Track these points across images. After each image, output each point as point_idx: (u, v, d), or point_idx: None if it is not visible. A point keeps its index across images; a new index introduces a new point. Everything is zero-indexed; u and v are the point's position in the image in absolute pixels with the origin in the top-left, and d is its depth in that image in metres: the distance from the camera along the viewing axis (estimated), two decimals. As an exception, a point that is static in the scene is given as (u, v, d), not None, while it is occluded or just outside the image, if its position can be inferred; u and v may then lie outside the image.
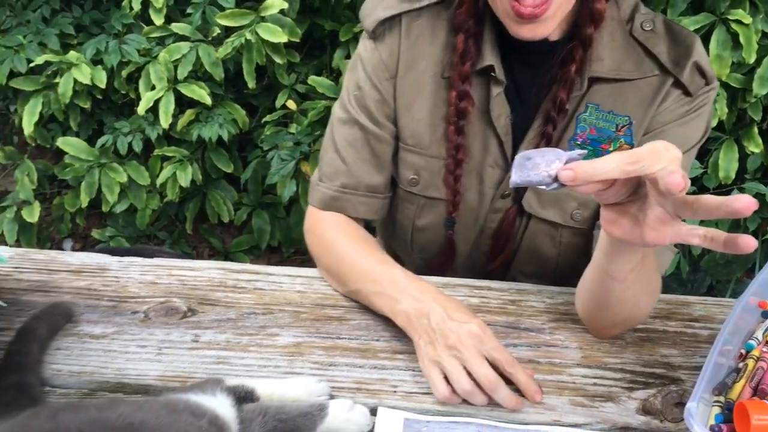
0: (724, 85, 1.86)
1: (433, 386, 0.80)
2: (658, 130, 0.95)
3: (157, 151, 2.21)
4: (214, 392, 0.74)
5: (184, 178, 2.13)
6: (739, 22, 1.81)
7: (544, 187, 0.66)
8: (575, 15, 0.93)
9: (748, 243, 0.60)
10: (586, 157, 0.67)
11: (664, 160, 0.63)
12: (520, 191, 1.01)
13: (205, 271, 1.03)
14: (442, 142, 1.01)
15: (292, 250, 2.45)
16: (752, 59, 1.79)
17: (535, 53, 0.96)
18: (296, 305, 0.97)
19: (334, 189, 1.04)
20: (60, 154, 2.42)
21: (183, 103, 2.19)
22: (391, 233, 1.14)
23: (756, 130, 1.94)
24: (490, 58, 0.96)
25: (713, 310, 0.96)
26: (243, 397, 0.76)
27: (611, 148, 0.85)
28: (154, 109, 2.15)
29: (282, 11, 2.06)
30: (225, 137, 2.12)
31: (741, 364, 0.74)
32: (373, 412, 0.79)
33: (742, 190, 1.96)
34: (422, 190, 1.05)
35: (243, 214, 2.30)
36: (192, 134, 2.16)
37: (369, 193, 1.05)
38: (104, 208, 2.20)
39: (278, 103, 2.25)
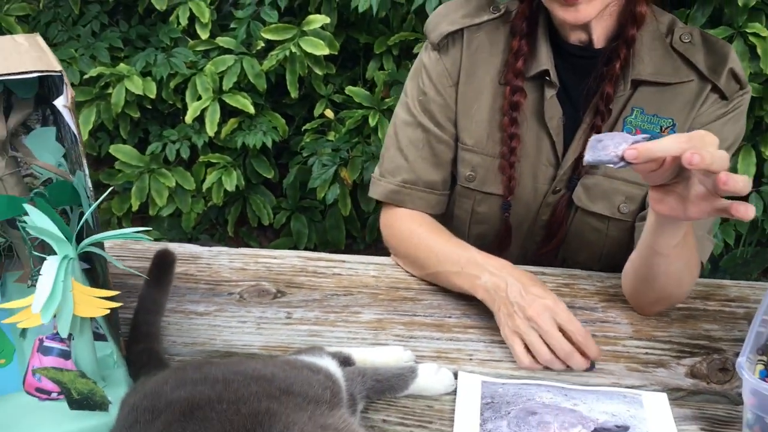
0: (743, 94, 1.98)
1: (515, 355, 0.91)
2: (697, 130, 1.06)
3: (202, 158, 2.33)
4: (321, 355, 0.85)
5: (230, 183, 2.25)
6: (756, 34, 1.92)
7: (612, 165, 0.78)
8: (618, 20, 1.05)
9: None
10: None
11: (708, 143, 0.76)
12: (571, 187, 1.12)
13: (287, 259, 1.15)
14: (498, 142, 1.13)
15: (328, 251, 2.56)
16: (768, 69, 1.91)
17: (583, 58, 1.08)
18: (373, 288, 1.08)
19: (395, 184, 1.16)
20: (103, 161, 2.55)
21: (226, 112, 2.32)
22: (449, 226, 1.25)
23: (772, 135, 2.05)
24: (545, 62, 1.07)
25: (746, 292, 1.07)
26: (342, 361, 0.88)
27: None
28: (200, 118, 2.28)
29: (323, 26, 2.19)
30: (269, 144, 2.24)
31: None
32: (454, 376, 0.90)
33: (759, 194, 2.07)
34: (479, 185, 1.16)
35: (282, 218, 2.41)
36: (236, 142, 2.28)
37: (428, 189, 1.16)
38: (152, 212, 2.32)
39: (316, 112, 2.37)
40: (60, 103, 0.78)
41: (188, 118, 2.26)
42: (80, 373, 0.76)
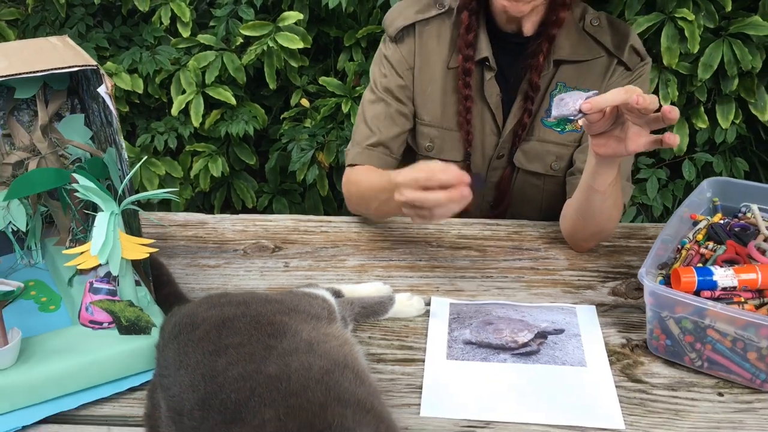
0: (674, 72, 2.22)
1: (412, 216, 1.07)
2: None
3: (188, 147, 2.51)
4: (318, 288, 1.06)
5: (216, 170, 2.44)
6: (684, 19, 2.16)
7: (572, 117, 1.00)
8: (544, 14, 1.29)
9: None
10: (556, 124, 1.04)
11: (638, 93, 0.97)
12: (510, 153, 1.35)
13: (281, 221, 1.35)
14: (451, 116, 1.35)
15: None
16: (696, 50, 2.14)
17: (515, 44, 1.31)
18: (355, 241, 1.29)
19: (362, 147, 1.36)
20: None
21: (209, 104, 2.50)
22: None
23: (702, 109, 2.30)
24: (485, 50, 1.30)
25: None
26: (334, 293, 1.08)
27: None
28: (185, 111, 2.46)
29: (296, 22, 2.38)
30: (251, 132, 2.43)
31: (677, 255, 1.08)
32: (427, 304, 1.11)
33: (692, 161, 2.32)
34: (437, 153, 1.38)
35: (264, 201, 2.60)
36: (219, 131, 2.47)
37: (386, 151, 1.37)
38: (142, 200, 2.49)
39: (293, 102, 2.57)
40: (102, 90, 0.98)
41: (174, 110, 2.44)
42: (129, 302, 0.96)
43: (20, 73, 0.96)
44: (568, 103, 1.01)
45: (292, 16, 2.37)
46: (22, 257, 1.21)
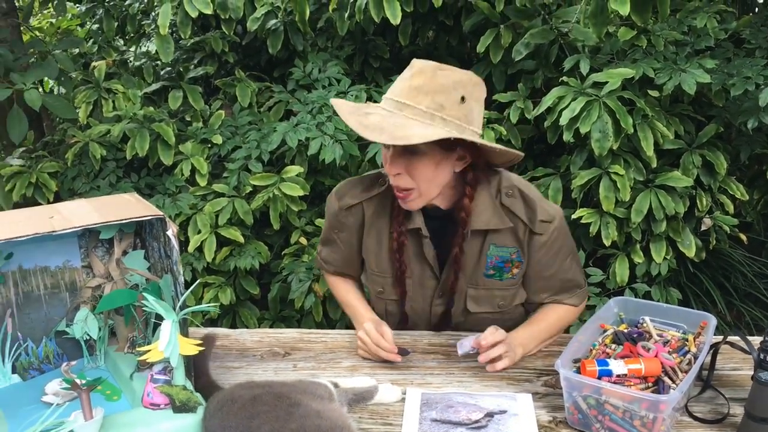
0: (612, 216, 2.67)
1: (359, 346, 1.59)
2: (533, 257, 1.64)
3: (200, 279, 2.89)
4: (320, 378, 1.41)
5: (225, 298, 2.80)
6: (616, 173, 2.64)
7: (472, 351, 1.49)
8: (456, 191, 1.60)
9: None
10: (496, 275, 1.53)
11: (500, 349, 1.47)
12: (451, 298, 1.68)
13: (289, 334, 1.71)
14: (395, 265, 1.69)
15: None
16: (627, 198, 2.61)
17: (438, 216, 1.63)
18: (348, 348, 1.65)
19: (331, 272, 1.83)
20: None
21: (219, 242, 2.91)
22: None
23: (638, 246, 2.73)
24: (417, 222, 1.62)
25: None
26: (333, 384, 1.43)
27: (510, 266, 1.62)
28: (199, 248, 2.86)
29: (298, 174, 2.85)
30: (257, 266, 2.82)
31: (589, 353, 1.45)
32: (403, 393, 1.45)
33: (632, 290, 2.72)
34: (387, 296, 1.74)
35: (266, 326, 2.95)
36: (229, 265, 2.86)
37: (348, 275, 1.82)
38: (159, 325, 2.84)
39: (292, 240, 2.98)
40: (170, 233, 1.37)
41: (190, 248, 2.84)
42: (183, 386, 1.30)
43: (111, 221, 1.36)
44: (465, 343, 1.51)
45: (294, 169, 2.84)
46: (89, 361, 1.55)
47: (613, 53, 2.85)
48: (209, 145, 3.11)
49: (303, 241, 2.96)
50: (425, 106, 1.45)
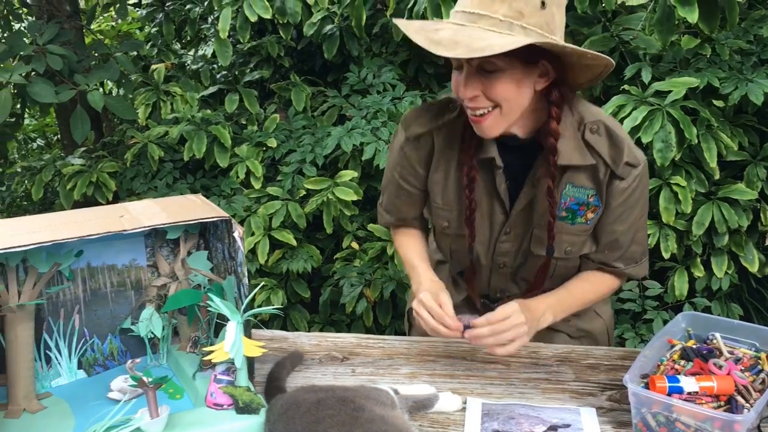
0: (673, 228, 2.61)
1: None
2: (610, 204, 1.51)
3: (252, 281, 2.92)
4: (382, 384, 1.40)
5: (277, 301, 2.82)
6: (678, 184, 2.58)
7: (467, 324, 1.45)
8: (536, 118, 1.46)
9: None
10: (567, 217, 1.48)
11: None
12: (519, 237, 1.60)
13: (347, 338, 1.71)
14: (464, 202, 1.57)
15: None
16: (689, 210, 2.54)
17: (514, 146, 1.50)
18: (406, 355, 1.64)
19: (392, 222, 1.77)
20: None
21: (272, 245, 2.93)
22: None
23: (698, 260, 2.66)
24: (491, 151, 1.50)
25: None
26: (393, 390, 1.42)
27: (585, 209, 1.51)
28: (252, 250, 2.89)
29: (351, 178, 2.85)
30: (309, 270, 2.84)
31: (657, 369, 1.41)
32: (463, 403, 1.44)
33: (692, 304, 2.65)
34: (452, 231, 1.65)
35: (315, 330, 2.96)
36: (281, 268, 2.88)
37: (412, 225, 1.76)
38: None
39: (344, 244, 2.99)
40: (236, 235, 1.38)
41: (245, 250, 2.87)
42: (246, 388, 1.31)
43: (179, 222, 1.38)
44: (462, 319, 1.47)
45: (348, 174, 2.85)
46: (152, 359, 1.57)
47: (676, 62, 2.79)
48: (264, 148, 3.14)
49: (355, 245, 2.97)
50: (502, 14, 1.31)
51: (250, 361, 1.42)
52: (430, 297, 1.48)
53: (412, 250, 1.72)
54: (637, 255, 1.62)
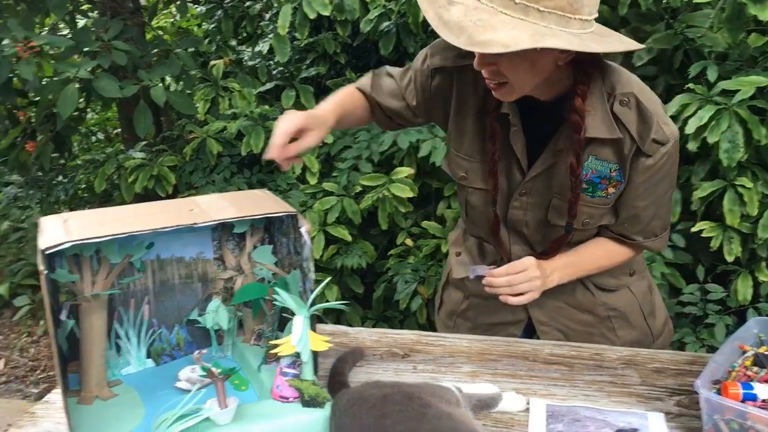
0: (737, 231, 2.54)
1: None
2: (633, 180, 1.46)
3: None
4: (446, 382, 1.40)
5: (331, 296, 2.84)
6: (743, 186, 2.51)
7: (480, 274, 1.51)
8: (562, 89, 1.41)
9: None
10: (588, 189, 1.47)
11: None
12: (538, 204, 1.55)
13: (407, 335, 1.71)
14: (484, 152, 1.53)
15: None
16: (755, 212, 2.47)
17: (535, 107, 1.45)
18: (467, 354, 1.63)
19: (369, 90, 1.69)
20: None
21: (327, 240, 2.95)
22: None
23: (764, 264, 2.58)
24: (506, 108, 1.46)
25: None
26: (456, 389, 1.42)
27: (607, 183, 1.47)
28: (307, 245, 2.91)
29: (407, 175, 2.86)
30: (363, 265, 2.85)
31: (728, 375, 1.37)
32: (527, 404, 1.43)
33: (756, 309, 2.58)
34: (469, 183, 1.61)
35: (368, 326, 2.97)
36: (336, 263, 2.90)
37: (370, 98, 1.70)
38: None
39: (398, 241, 3.00)
40: (303, 230, 1.40)
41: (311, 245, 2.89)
42: (312, 381, 1.32)
43: (247, 216, 1.40)
44: (478, 269, 1.54)
45: (404, 171, 2.85)
46: (217, 350, 1.60)
47: (742, 60, 2.71)
48: (320, 144, 3.16)
49: (409, 242, 2.97)
50: None
51: (315, 356, 1.44)
52: (291, 117, 1.49)
53: (340, 96, 1.66)
54: (657, 229, 1.58)
